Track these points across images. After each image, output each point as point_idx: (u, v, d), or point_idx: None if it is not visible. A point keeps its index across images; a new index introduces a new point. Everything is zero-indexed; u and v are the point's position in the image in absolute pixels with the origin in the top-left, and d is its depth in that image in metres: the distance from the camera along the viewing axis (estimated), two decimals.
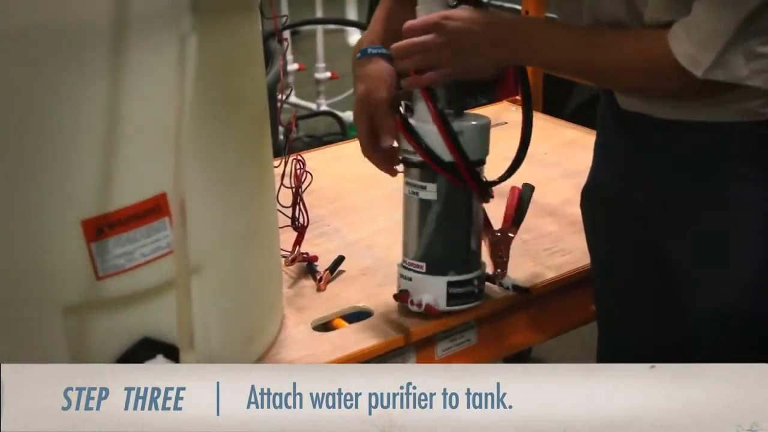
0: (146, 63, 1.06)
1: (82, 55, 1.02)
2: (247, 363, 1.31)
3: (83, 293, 1.09)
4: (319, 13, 4.48)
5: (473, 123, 1.34)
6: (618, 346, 1.53)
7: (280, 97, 1.57)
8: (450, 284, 1.39)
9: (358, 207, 1.84)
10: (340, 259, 1.60)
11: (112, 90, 1.04)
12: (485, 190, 1.38)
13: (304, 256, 1.60)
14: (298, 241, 1.60)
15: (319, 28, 4.36)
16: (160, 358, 1.13)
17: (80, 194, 1.06)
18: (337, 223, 1.79)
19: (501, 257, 1.47)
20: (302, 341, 1.39)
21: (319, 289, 1.53)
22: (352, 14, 4.35)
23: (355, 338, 1.39)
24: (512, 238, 1.47)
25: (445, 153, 1.32)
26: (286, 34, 4.23)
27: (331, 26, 4.47)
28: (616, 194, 1.41)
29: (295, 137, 3.87)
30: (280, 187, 1.52)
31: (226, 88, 1.19)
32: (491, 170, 1.39)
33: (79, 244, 1.07)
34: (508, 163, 1.42)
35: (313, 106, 4.33)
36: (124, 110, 1.05)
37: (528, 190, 1.49)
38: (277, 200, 1.48)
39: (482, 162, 1.37)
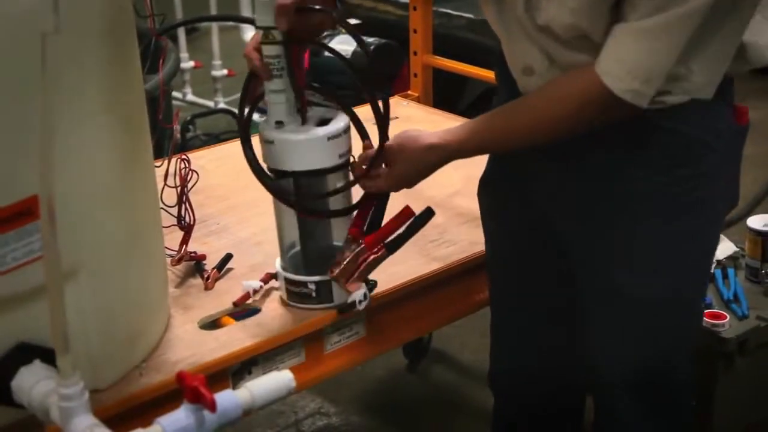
0: (11, 64, 1.04)
1: None
2: (130, 364, 1.30)
3: None
4: (213, 10, 4.42)
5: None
6: (511, 326, 1.58)
7: (161, 100, 1.55)
8: (287, 281, 1.45)
9: (249, 204, 1.83)
10: (228, 257, 1.60)
11: None
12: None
13: (192, 255, 1.59)
14: (185, 241, 1.59)
15: (215, 25, 4.31)
16: (37, 362, 1.11)
17: None
18: (227, 220, 1.78)
19: (353, 269, 1.39)
20: (188, 340, 1.39)
21: (206, 288, 1.53)
22: (246, 11, 4.31)
23: (242, 336, 1.39)
24: (368, 255, 1.40)
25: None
26: (181, 31, 4.17)
27: (227, 23, 4.42)
28: (514, 183, 1.45)
29: (192, 135, 3.82)
30: (163, 187, 1.51)
31: (97, 91, 1.17)
32: None
33: None
34: None
35: (210, 103, 4.28)
36: None
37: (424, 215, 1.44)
38: (161, 200, 1.46)
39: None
